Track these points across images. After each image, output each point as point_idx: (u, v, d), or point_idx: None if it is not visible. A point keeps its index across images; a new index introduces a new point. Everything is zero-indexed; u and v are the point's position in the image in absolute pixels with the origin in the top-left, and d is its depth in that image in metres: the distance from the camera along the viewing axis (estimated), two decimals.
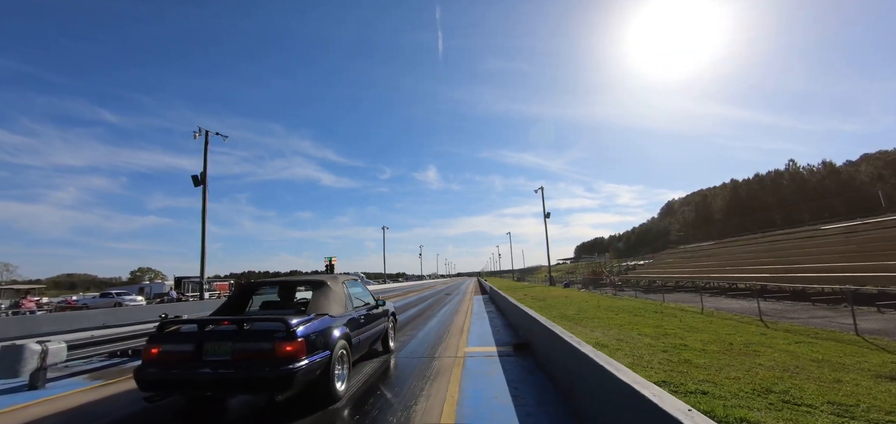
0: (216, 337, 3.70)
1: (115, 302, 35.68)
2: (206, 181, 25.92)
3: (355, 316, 5.15)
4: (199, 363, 3.58)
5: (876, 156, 69.69)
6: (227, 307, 5.19)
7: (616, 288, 27.81)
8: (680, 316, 12.77)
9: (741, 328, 10.28)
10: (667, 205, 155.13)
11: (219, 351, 3.61)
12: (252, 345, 3.61)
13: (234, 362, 3.54)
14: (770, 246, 23.36)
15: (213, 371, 3.50)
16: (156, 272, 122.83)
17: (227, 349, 3.60)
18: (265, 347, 3.56)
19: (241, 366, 3.50)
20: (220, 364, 3.53)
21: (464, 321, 11.69)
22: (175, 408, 4.23)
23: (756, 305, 14.62)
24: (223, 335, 3.72)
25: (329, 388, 4.05)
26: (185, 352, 3.68)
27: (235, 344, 3.60)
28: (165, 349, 3.73)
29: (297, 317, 3.91)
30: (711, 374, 5.74)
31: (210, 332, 3.78)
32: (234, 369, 3.49)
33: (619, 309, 14.86)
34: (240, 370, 3.48)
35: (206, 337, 3.72)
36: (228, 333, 3.73)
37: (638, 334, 9.54)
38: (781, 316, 12.18)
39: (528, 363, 5.79)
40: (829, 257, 18.03)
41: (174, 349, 3.74)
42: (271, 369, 3.46)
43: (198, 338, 3.71)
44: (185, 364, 3.61)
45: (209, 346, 3.64)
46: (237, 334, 3.68)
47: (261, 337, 3.65)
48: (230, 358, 3.56)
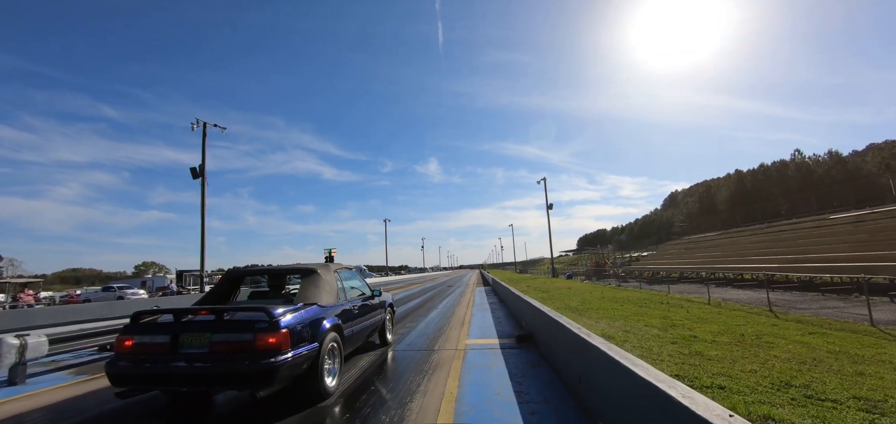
0: (193, 329, 3.40)
1: (118, 296, 35.72)
2: (204, 174, 25.67)
3: (348, 307, 4.85)
4: (175, 356, 3.29)
5: (882, 146, 68.69)
6: (212, 296, 4.83)
7: (620, 280, 27.53)
8: (687, 306, 12.47)
9: (751, 319, 9.97)
10: (670, 196, 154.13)
11: (195, 344, 3.31)
12: (231, 337, 3.32)
13: (211, 355, 3.25)
14: (777, 236, 22.96)
15: (189, 364, 3.21)
16: (160, 266, 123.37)
17: (204, 341, 3.31)
18: (245, 339, 3.28)
19: (219, 359, 3.21)
20: (196, 358, 3.24)
21: (465, 312, 11.43)
22: (152, 406, 3.96)
23: (764, 296, 14.29)
24: (201, 326, 3.41)
25: (317, 384, 3.76)
26: (159, 344, 3.38)
27: (214, 336, 3.31)
28: (139, 341, 3.43)
29: (283, 307, 3.63)
30: (726, 367, 5.45)
31: (187, 323, 3.48)
32: (211, 362, 3.20)
33: (623, 300, 14.57)
34: (217, 363, 3.19)
35: (182, 329, 3.41)
36: (207, 324, 3.43)
37: (645, 325, 9.26)
38: (791, 307, 11.86)
39: (532, 355, 5.52)
40: (837, 247, 17.65)
41: (148, 341, 3.43)
42: (252, 362, 3.16)
43: (174, 330, 3.41)
44: (158, 358, 3.31)
45: (185, 338, 3.35)
46: (216, 325, 3.40)
47: (241, 327, 3.38)
48: (207, 351, 3.27)
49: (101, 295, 36.27)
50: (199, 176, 25.77)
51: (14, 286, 31.93)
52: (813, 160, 55.23)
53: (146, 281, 44.61)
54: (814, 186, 50.48)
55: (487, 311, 11.50)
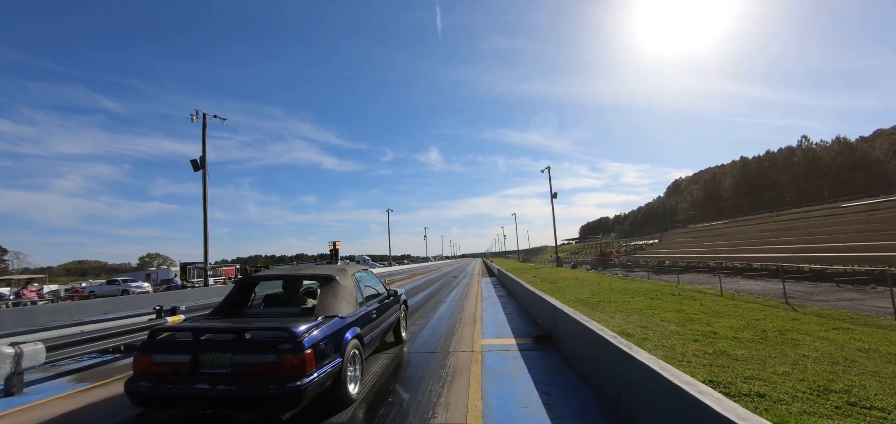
0: (214, 347, 3.26)
1: (122, 290, 35.69)
2: (205, 165, 25.35)
3: (367, 311, 4.72)
4: (196, 376, 3.16)
5: (890, 132, 67.66)
6: (227, 304, 4.57)
7: (626, 269, 27.29)
8: (700, 299, 12.23)
9: (769, 312, 9.71)
10: (673, 183, 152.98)
11: (217, 364, 3.19)
12: (254, 358, 3.16)
13: (234, 376, 3.13)
14: (786, 225, 22.61)
15: (212, 386, 3.08)
16: (164, 257, 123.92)
17: (226, 361, 3.18)
18: (269, 360, 3.13)
19: (243, 382, 3.09)
20: (218, 379, 3.12)
21: (475, 307, 11.21)
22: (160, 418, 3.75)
23: (776, 286, 14.01)
24: (221, 345, 3.28)
25: (341, 394, 3.71)
26: (180, 364, 3.24)
27: (235, 356, 3.18)
28: (157, 359, 3.29)
29: (304, 324, 3.45)
30: (756, 369, 5.20)
31: (206, 342, 3.33)
32: (234, 385, 3.08)
33: (633, 292, 14.33)
34: (241, 386, 3.07)
35: (202, 348, 3.28)
36: (228, 343, 3.29)
37: (660, 320, 9.02)
38: (807, 299, 11.59)
39: (553, 358, 5.27)
40: (851, 236, 17.31)
41: (168, 359, 3.29)
42: (276, 386, 3.03)
43: (194, 348, 3.28)
44: (180, 378, 3.19)
45: (206, 358, 3.21)
46: (237, 344, 3.25)
47: (264, 348, 3.19)
48: (230, 372, 3.15)
49: (105, 288, 36.25)
50: (200, 168, 25.45)
51: (18, 281, 31.90)
52: (820, 146, 54.45)
53: (150, 274, 44.66)
54: (821, 173, 49.84)
55: (498, 306, 11.27)
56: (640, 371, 2.65)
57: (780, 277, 14.71)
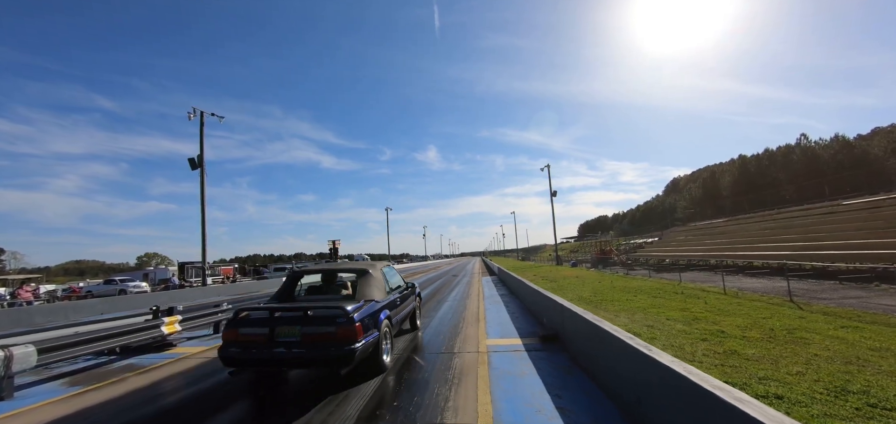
0: (286, 322, 4.20)
1: (119, 290, 35.41)
2: (203, 164, 25.12)
3: (393, 298, 5.72)
4: (274, 344, 4.11)
5: (888, 130, 67.75)
6: (283, 291, 5.57)
7: (626, 268, 27.21)
8: (703, 297, 12.12)
9: (774, 310, 9.61)
10: (672, 182, 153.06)
11: (289, 334, 4.13)
12: (318, 329, 4.12)
13: (303, 343, 4.08)
14: (788, 223, 22.54)
15: (287, 350, 4.06)
16: (162, 257, 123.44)
17: (296, 332, 4.13)
18: (330, 330, 4.09)
19: (310, 347, 4.05)
20: (292, 345, 4.08)
21: (478, 306, 11.07)
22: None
23: (779, 284, 13.94)
24: (291, 320, 4.20)
25: (378, 361, 4.65)
26: (260, 335, 4.17)
27: (304, 328, 4.12)
28: (242, 332, 4.24)
29: (352, 304, 4.45)
30: (769, 370, 5.08)
31: (280, 318, 4.24)
32: (304, 349, 4.05)
33: (636, 290, 14.23)
34: (309, 350, 4.04)
35: (276, 322, 4.21)
36: (296, 318, 4.22)
37: (666, 318, 8.91)
38: (812, 297, 11.50)
39: (562, 358, 5.13)
40: (852, 234, 17.24)
41: (250, 332, 4.24)
42: (336, 348, 4.01)
43: (271, 323, 4.21)
44: (262, 346, 4.12)
45: (280, 330, 4.15)
46: (304, 319, 4.17)
47: (325, 322, 4.16)
48: (299, 340, 4.09)
49: (102, 288, 35.96)
50: (197, 166, 25.21)
51: (14, 281, 31.60)
52: (819, 145, 54.47)
53: (148, 274, 44.36)
54: (820, 171, 49.87)
55: (500, 305, 11.14)
56: (663, 375, 2.51)
57: (784, 275, 14.65)
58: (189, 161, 25.18)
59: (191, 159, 25.17)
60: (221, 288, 23.70)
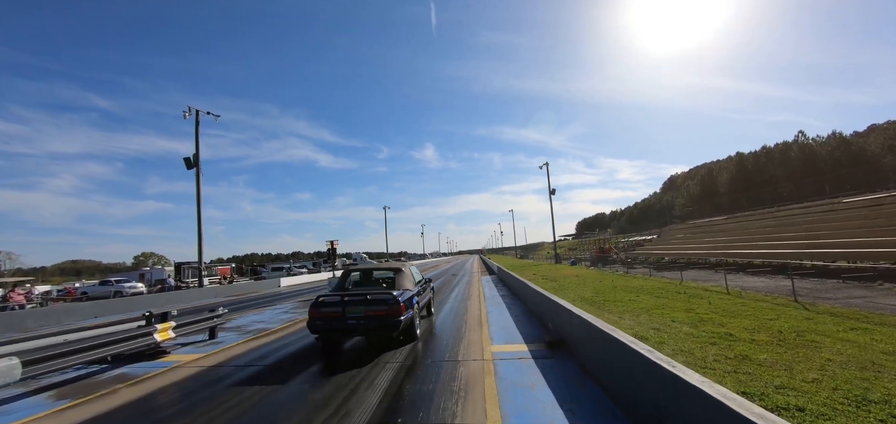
0: (353, 304, 6.18)
1: (115, 291, 35.01)
2: (199, 163, 24.79)
3: (419, 289, 7.77)
4: (346, 318, 6.06)
5: (884, 127, 68.02)
6: (340, 284, 7.73)
7: (626, 266, 27.11)
8: (707, 297, 12.00)
9: (780, 311, 9.48)
10: (669, 179, 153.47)
11: (356, 312, 6.07)
12: (375, 308, 6.06)
13: (366, 317, 6.01)
14: (788, 221, 22.47)
15: (356, 322, 6.02)
16: (159, 256, 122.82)
17: (361, 310, 6.08)
18: (383, 309, 6.02)
19: (371, 320, 6.00)
20: (359, 318, 6.01)
21: (479, 309, 10.89)
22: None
23: (781, 283, 13.84)
24: (357, 302, 6.15)
25: (413, 332, 6.76)
26: (336, 312, 6.14)
27: (366, 308, 6.07)
28: (322, 311, 6.21)
29: (395, 292, 6.47)
30: (784, 377, 4.92)
31: (348, 301, 6.20)
32: (367, 321, 6.02)
33: (638, 290, 14.10)
34: (370, 322, 6.01)
35: (346, 304, 6.18)
36: (360, 301, 6.19)
37: (671, 320, 8.75)
38: (816, 297, 11.39)
39: (571, 367, 4.95)
40: (853, 232, 17.17)
41: (328, 311, 6.20)
42: (388, 321, 5.98)
43: (342, 305, 6.16)
44: (338, 320, 6.10)
45: (349, 309, 6.11)
46: (365, 302, 6.13)
47: (380, 303, 6.11)
48: (364, 315, 6.02)
49: (98, 289, 35.54)
50: (193, 166, 24.88)
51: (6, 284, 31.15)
52: (816, 142, 54.63)
53: (144, 274, 43.91)
54: (817, 168, 50.02)
55: (502, 306, 10.96)
56: (690, 395, 2.33)
57: (786, 274, 14.54)
58: (185, 160, 24.85)
59: (187, 159, 24.85)
60: (219, 289, 23.41)
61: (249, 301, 18.01)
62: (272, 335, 8.71)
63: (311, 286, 26.11)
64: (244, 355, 6.78)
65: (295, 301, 16.86)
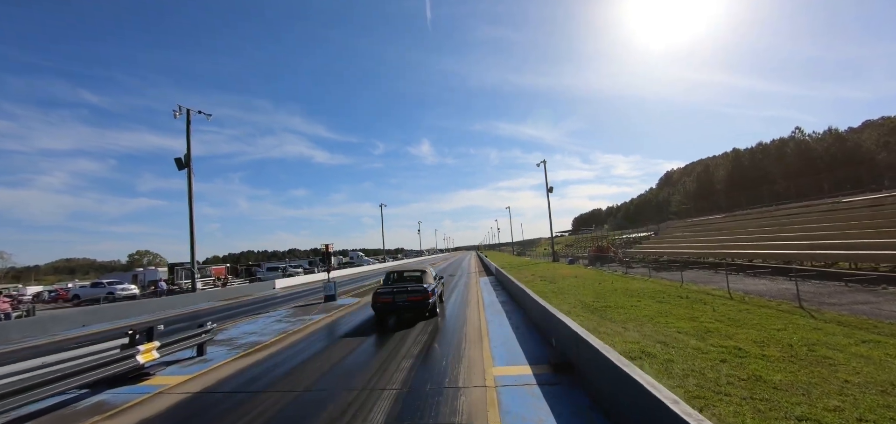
0: (399, 293, 9.91)
1: (107, 293, 34.45)
2: (190, 164, 24.26)
3: (437, 283, 11.80)
4: (396, 301, 9.78)
5: (879, 123, 68.30)
6: (386, 281, 11.38)
7: (624, 265, 26.95)
8: (710, 302, 11.79)
9: (786, 319, 9.26)
10: (665, 175, 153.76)
11: (401, 297, 9.80)
12: (415, 295, 9.84)
13: (408, 301, 9.76)
14: (787, 220, 22.35)
15: (402, 302, 9.76)
16: (154, 255, 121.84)
17: (404, 297, 9.83)
18: (421, 295, 9.80)
19: (411, 302, 9.76)
20: (403, 301, 9.75)
21: (479, 318, 10.61)
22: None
23: (782, 286, 13.66)
24: (402, 293, 9.90)
25: (435, 310, 10.62)
26: (389, 297, 9.83)
27: (408, 295, 9.86)
28: (380, 296, 9.89)
29: (426, 285, 10.44)
30: (805, 405, 4.65)
31: (396, 291, 9.92)
32: (408, 303, 9.80)
33: (639, 294, 13.88)
34: (411, 303, 9.78)
35: (395, 294, 9.90)
36: (403, 292, 9.96)
37: (676, 331, 8.51)
38: (821, 302, 11.20)
39: (580, 397, 4.65)
40: (854, 232, 17.04)
41: (384, 296, 9.91)
42: (422, 303, 9.83)
43: (393, 294, 9.85)
44: (390, 303, 9.84)
45: (397, 296, 9.81)
46: (408, 292, 9.87)
47: (417, 293, 9.86)
48: (407, 299, 9.77)
49: (89, 291, 34.95)
50: (184, 166, 24.35)
51: None
52: (813, 138, 54.73)
53: (137, 275, 43.28)
54: (814, 164, 50.13)
55: (502, 316, 10.69)
56: None
57: (788, 275, 14.40)
58: (176, 161, 24.31)
59: (177, 159, 24.31)
60: (212, 292, 22.97)
61: (242, 306, 17.61)
62: (264, 351, 8.36)
63: (306, 288, 25.70)
64: (234, 377, 6.44)
65: (289, 306, 16.50)
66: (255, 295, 23.09)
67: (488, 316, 10.81)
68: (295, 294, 22.48)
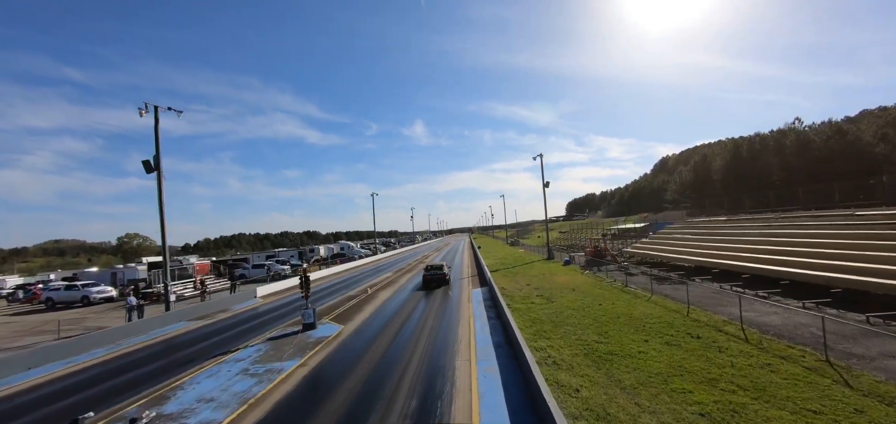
0: (432, 273, 25.03)
1: (82, 296, 32.78)
2: (159, 166, 22.38)
3: (448, 271, 25.97)
4: (433, 279, 24.58)
5: (877, 114, 67.54)
6: (427, 269, 26.22)
7: (623, 270, 25.95)
8: (725, 346, 10.74)
9: (819, 388, 8.17)
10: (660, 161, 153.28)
11: (435, 278, 24.61)
12: (440, 274, 24.85)
13: (437, 278, 24.54)
14: (796, 231, 21.30)
15: (433, 279, 24.57)
16: (144, 237, 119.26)
17: (436, 277, 24.60)
18: (443, 275, 24.75)
19: (437, 278, 24.55)
20: (435, 278, 24.54)
21: (470, 376, 9.40)
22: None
23: (799, 319, 12.61)
24: (434, 277, 24.74)
25: (449, 283, 24.90)
26: (429, 277, 24.86)
27: (436, 274, 24.85)
28: (426, 276, 24.98)
29: (444, 271, 25.40)
30: None
31: (431, 276, 24.76)
32: (437, 280, 24.51)
33: (646, 328, 12.79)
34: (438, 279, 24.55)
35: (429, 274, 24.96)
36: (435, 275, 24.83)
37: (699, 413, 7.36)
38: (848, 353, 10.18)
39: None
40: (871, 252, 16.03)
41: (428, 276, 24.91)
42: (445, 279, 24.66)
43: (432, 274, 24.97)
44: (429, 280, 24.64)
45: (429, 278, 24.69)
46: (437, 275, 24.78)
47: (442, 275, 24.77)
48: (435, 277, 24.66)
49: (63, 294, 33.21)
50: (154, 169, 22.46)
51: None
52: (812, 129, 53.84)
53: (116, 273, 41.51)
54: (813, 158, 49.28)
55: (497, 374, 9.51)
56: None
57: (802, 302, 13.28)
58: (144, 163, 22.42)
59: (145, 162, 22.41)
60: (186, 310, 21.44)
61: (213, 334, 16.20)
62: None
63: (290, 298, 24.30)
64: None
65: (269, 332, 15.17)
66: (234, 309, 21.64)
67: (481, 375, 9.59)
68: (275, 308, 21.13)
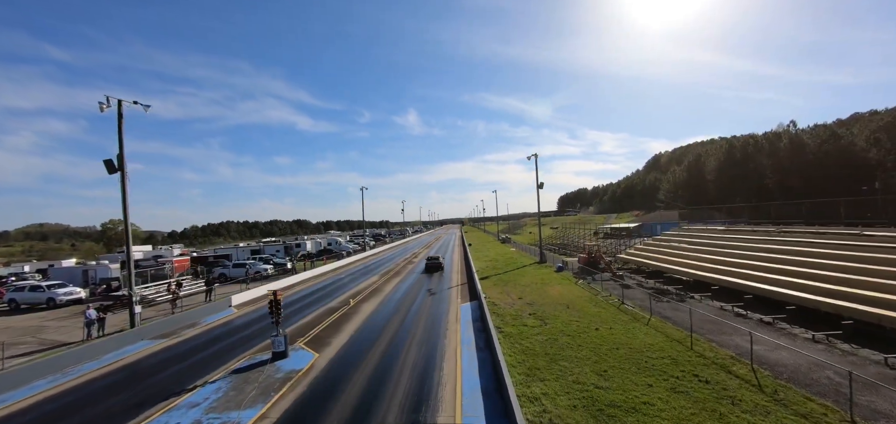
0: (433, 264, 35.92)
1: (47, 298, 30.76)
2: (123, 167, 20.51)
3: (441, 260, 38.01)
4: (433, 266, 35.76)
5: (868, 118, 67.76)
6: (427, 258, 38.45)
7: (618, 280, 25.03)
8: (737, 395, 9.71)
9: None
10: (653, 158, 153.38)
11: (434, 265, 35.74)
12: (437, 262, 36.22)
13: (435, 264, 35.89)
14: (801, 249, 20.45)
15: (434, 265, 35.76)
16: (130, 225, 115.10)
17: (435, 265, 35.76)
18: (438, 263, 36.15)
19: (437, 267, 35.68)
20: (433, 266, 35.67)
21: None
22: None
23: (816, 356, 11.54)
24: (433, 264, 35.94)
25: (443, 268, 36.43)
26: (430, 264, 36.11)
27: (434, 263, 36.11)
28: (428, 264, 36.31)
29: (440, 262, 36.79)
30: None
31: (432, 264, 35.94)
32: (434, 267, 35.67)
33: (648, 366, 11.73)
34: (436, 267, 35.67)
35: (433, 264, 35.99)
36: (434, 264, 36.00)
37: None
38: (872, 404, 9.20)
39: None
40: (881, 278, 15.20)
41: (430, 264, 36.14)
42: (440, 266, 36.16)
43: (433, 262, 36.28)
44: (432, 268, 35.70)
45: (430, 265, 35.92)
46: (436, 264, 35.94)
47: (438, 264, 36.01)
48: (433, 264, 35.94)
49: (28, 296, 31.08)
50: (117, 169, 20.59)
51: None
52: (806, 132, 53.57)
53: (88, 271, 39.37)
54: (807, 163, 48.99)
55: None
56: None
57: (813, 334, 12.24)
58: (105, 163, 20.55)
59: (107, 161, 20.54)
60: (152, 325, 19.81)
61: (170, 362, 14.68)
62: None
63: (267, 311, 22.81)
64: None
65: (236, 360, 13.77)
66: (203, 323, 20.06)
67: None
68: (249, 323, 19.66)
